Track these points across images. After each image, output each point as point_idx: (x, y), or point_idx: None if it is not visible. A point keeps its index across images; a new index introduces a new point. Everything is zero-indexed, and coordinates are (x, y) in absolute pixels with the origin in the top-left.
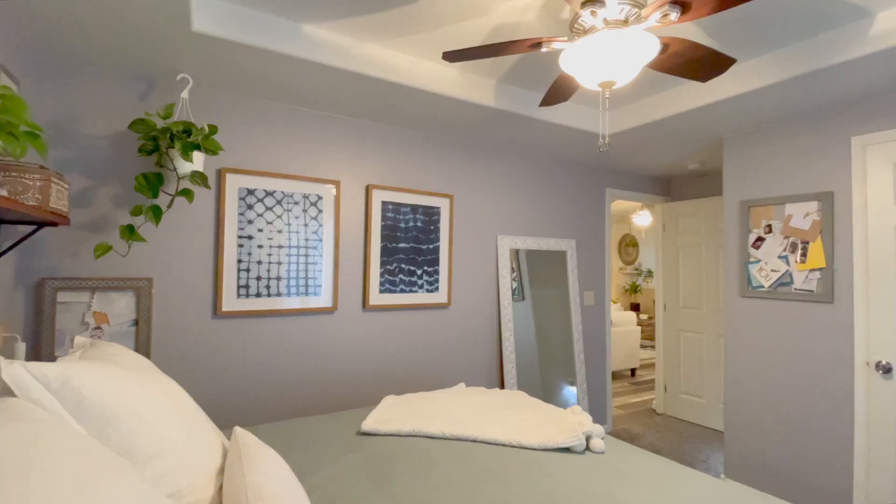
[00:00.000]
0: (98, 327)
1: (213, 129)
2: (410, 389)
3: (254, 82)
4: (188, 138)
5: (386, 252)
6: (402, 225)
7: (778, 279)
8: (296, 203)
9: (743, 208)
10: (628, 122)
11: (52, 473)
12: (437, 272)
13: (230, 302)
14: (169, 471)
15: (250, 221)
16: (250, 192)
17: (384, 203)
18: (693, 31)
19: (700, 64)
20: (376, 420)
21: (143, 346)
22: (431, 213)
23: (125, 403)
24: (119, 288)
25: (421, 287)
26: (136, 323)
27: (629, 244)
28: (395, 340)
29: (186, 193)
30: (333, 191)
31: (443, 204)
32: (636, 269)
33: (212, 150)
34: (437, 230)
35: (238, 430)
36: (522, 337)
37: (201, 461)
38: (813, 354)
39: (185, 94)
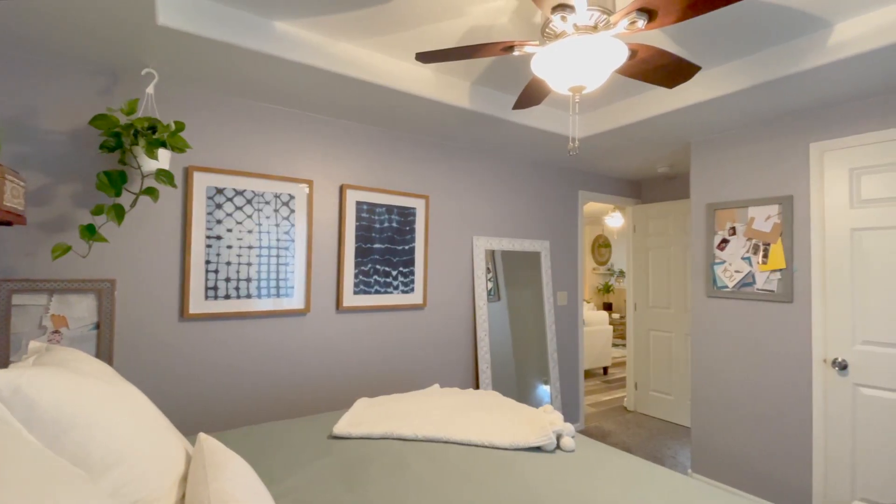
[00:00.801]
0: (56, 331)
1: (180, 126)
2: (385, 391)
3: (223, 79)
4: (153, 135)
5: (360, 253)
6: (377, 225)
7: (741, 279)
8: (267, 203)
9: (709, 211)
10: (600, 127)
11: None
12: (412, 273)
13: (198, 304)
14: (128, 480)
15: (219, 221)
16: (219, 191)
17: (359, 203)
18: (660, 38)
19: (667, 70)
20: (349, 423)
21: (104, 351)
22: (407, 214)
23: (81, 411)
24: (79, 290)
25: (396, 288)
26: (98, 326)
27: (602, 245)
28: (370, 342)
29: (151, 192)
30: (306, 190)
31: (418, 204)
32: (609, 270)
33: (178, 147)
34: (412, 231)
35: (202, 436)
36: (498, 337)
37: (163, 469)
38: (774, 352)
39: (150, 90)
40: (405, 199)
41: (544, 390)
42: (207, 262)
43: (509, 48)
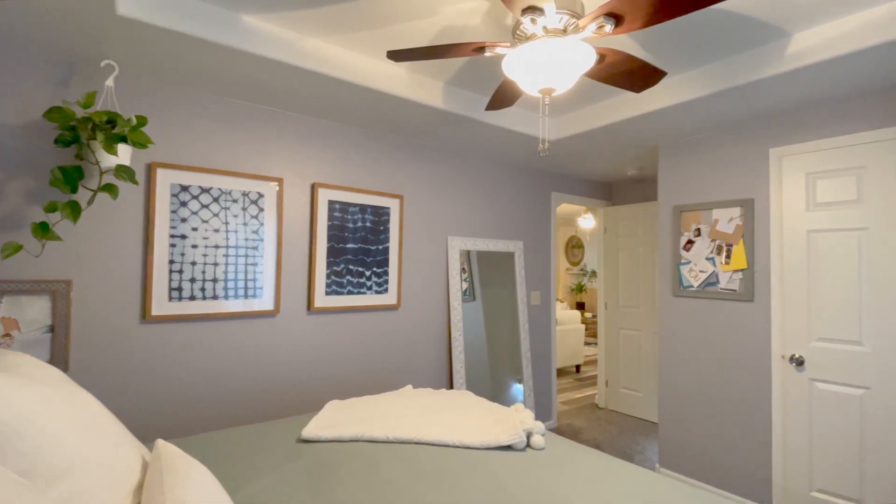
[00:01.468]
0: (7, 334)
1: (142, 121)
2: (358, 393)
3: (189, 73)
4: (112, 129)
5: (333, 252)
6: (351, 225)
7: (706, 279)
8: (234, 201)
9: (675, 213)
10: (571, 129)
11: None
12: (386, 273)
13: (161, 305)
14: (78, 491)
15: (184, 220)
16: (184, 188)
17: (331, 202)
18: (629, 44)
19: (634, 75)
20: (318, 426)
21: (59, 355)
22: (381, 214)
23: (27, 418)
24: (32, 291)
25: (370, 288)
26: (52, 329)
27: (575, 246)
28: (342, 344)
29: (110, 189)
30: (276, 188)
31: (393, 204)
32: (582, 270)
33: (140, 143)
34: (386, 231)
35: (160, 442)
36: (473, 337)
37: (116, 479)
38: (736, 349)
39: (109, 82)
40: (379, 199)
41: (518, 389)
42: (171, 261)
43: (481, 49)
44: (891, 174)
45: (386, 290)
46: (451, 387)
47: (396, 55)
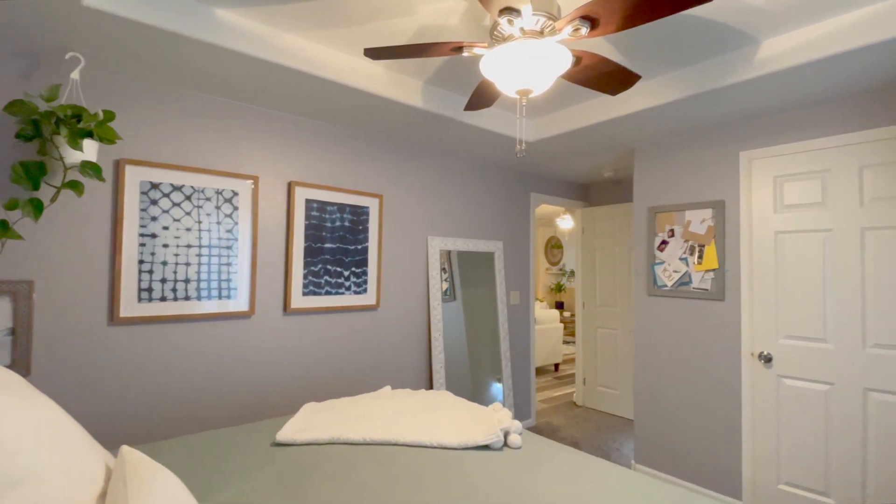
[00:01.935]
0: None
1: (110, 116)
2: (336, 395)
3: (159, 67)
4: (78, 124)
5: (310, 252)
6: (329, 224)
7: (679, 279)
8: (208, 199)
9: (650, 214)
10: (550, 131)
11: None
12: (365, 273)
13: (130, 307)
14: (35, 500)
15: (154, 218)
16: (154, 185)
17: (308, 201)
18: (605, 47)
19: (609, 78)
20: (293, 429)
21: (21, 358)
22: (360, 213)
23: None
24: None
25: (348, 289)
26: (13, 332)
27: (554, 246)
28: (320, 345)
29: (75, 186)
30: (251, 187)
31: (372, 203)
32: (561, 270)
33: (107, 138)
34: (365, 230)
35: (125, 448)
36: (453, 336)
37: (77, 487)
38: (708, 347)
39: (75, 75)
40: (358, 198)
41: (497, 388)
42: (141, 261)
43: (458, 49)
44: (854, 177)
45: (365, 290)
46: (430, 387)
47: (374, 53)
